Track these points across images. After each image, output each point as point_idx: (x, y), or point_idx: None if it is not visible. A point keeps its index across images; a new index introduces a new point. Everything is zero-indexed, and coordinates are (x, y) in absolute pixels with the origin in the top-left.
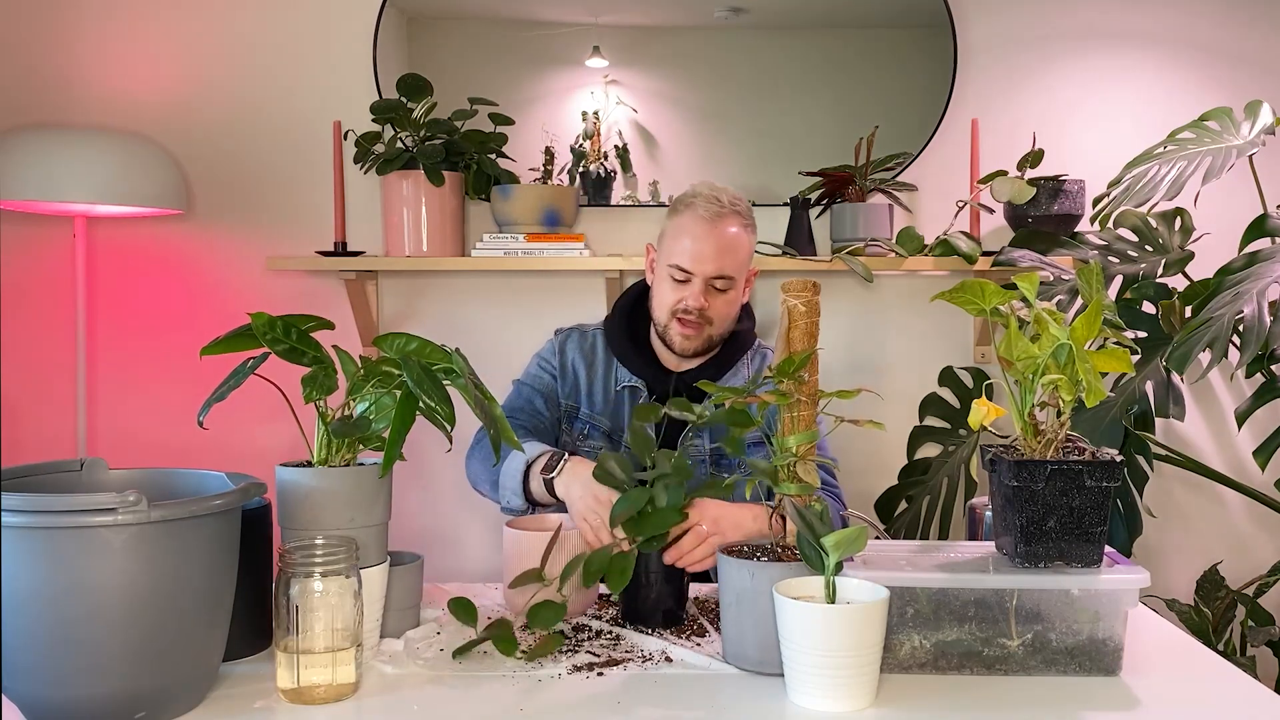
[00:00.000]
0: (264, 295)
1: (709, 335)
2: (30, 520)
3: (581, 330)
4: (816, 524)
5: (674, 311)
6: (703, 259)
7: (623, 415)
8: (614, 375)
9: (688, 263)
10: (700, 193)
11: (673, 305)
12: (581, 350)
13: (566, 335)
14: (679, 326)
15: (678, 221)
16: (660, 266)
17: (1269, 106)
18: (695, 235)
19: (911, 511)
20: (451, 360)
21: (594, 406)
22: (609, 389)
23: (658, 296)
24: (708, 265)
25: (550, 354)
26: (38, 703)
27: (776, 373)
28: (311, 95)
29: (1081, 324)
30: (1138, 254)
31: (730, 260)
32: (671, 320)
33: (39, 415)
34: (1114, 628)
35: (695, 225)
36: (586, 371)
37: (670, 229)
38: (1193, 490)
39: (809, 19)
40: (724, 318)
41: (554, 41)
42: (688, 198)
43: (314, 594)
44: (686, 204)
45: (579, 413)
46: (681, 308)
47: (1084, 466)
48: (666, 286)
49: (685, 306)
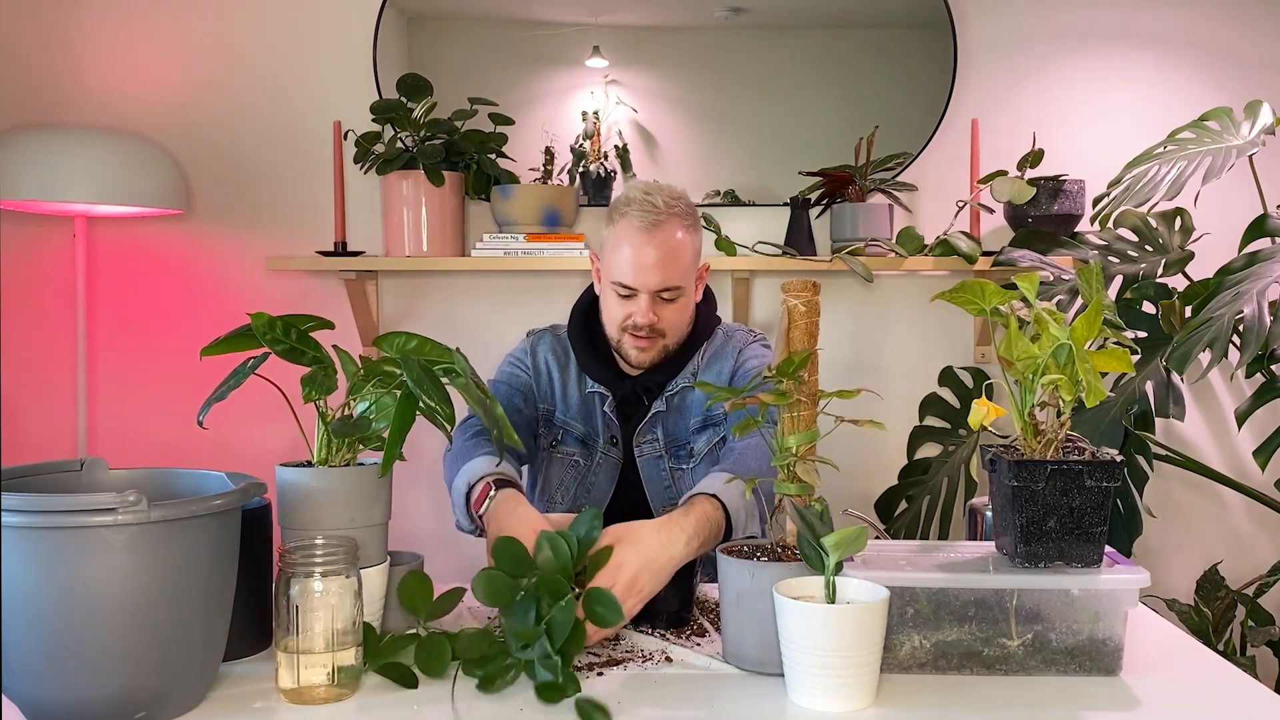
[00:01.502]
0: (264, 295)
1: (664, 346)
2: (30, 520)
3: (555, 332)
4: (816, 524)
5: (624, 327)
6: (645, 272)
7: (595, 419)
8: (584, 379)
9: (630, 278)
10: (634, 198)
11: (621, 321)
12: (554, 352)
13: (539, 337)
14: (632, 340)
15: (614, 232)
16: (604, 280)
17: (1269, 106)
18: (634, 246)
19: (911, 511)
20: (452, 359)
21: (568, 410)
22: (580, 392)
23: (606, 311)
24: (651, 278)
25: (523, 354)
26: (38, 703)
27: (776, 373)
28: (311, 95)
29: (1081, 324)
30: (1138, 254)
31: (674, 269)
32: (623, 335)
33: (39, 415)
34: (1114, 628)
35: (633, 236)
36: (560, 374)
37: (609, 240)
38: (1193, 490)
39: (809, 19)
40: (677, 325)
41: (554, 41)
42: (622, 205)
43: (314, 594)
44: (621, 212)
45: (554, 415)
46: (630, 324)
47: (1084, 466)
48: (613, 301)
49: (634, 323)
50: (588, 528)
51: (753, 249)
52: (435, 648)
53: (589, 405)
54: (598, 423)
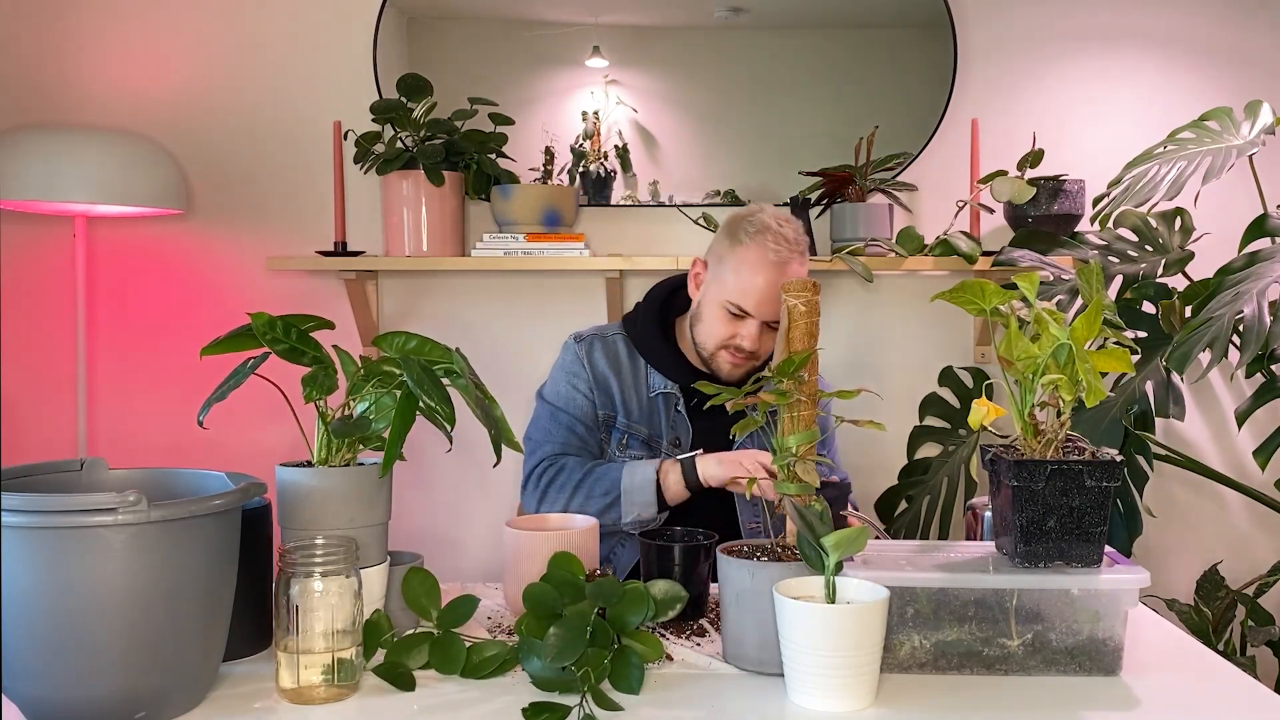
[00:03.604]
0: (264, 295)
1: (754, 367)
2: (30, 520)
3: (603, 336)
4: (816, 524)
5: (725, 345)
6: (766, 303)
7: (658, 422)
8: (646, 382)
9: (750, 305)
10: (769, 226)
11: (725, 339)
12: (608, 357)
13: (590, 344)
14: (728, 356)
15: (742, 255)
16: (712, 292)
17: (1269, 106)
18: (760, 275)
19: (911, 511)
20: (452, 359)
21: (630, 415)
22: (642, 396)
23: (707, 325)
24: (768, 309)
25: (577, 365)
26: (38, 703)
27: (776, 373)
28: (311, 95)
29: (1081, 324)
30: (1138, 254)
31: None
32: (720, 351)
33: (39, 415)
34: (1114, 628)
35: (765, 266)
36: (618, 380)
37: (732, 260)
38: (1193, 490)
39: (809, 19)
40: (770, 349)
41: (554, 41)
42: (752, 229)
43: (314, 594)
44: (753, 236)
45: (616, 421)
46: (735, 344)
47: (1084, 466)
48: (718, 317)
49: (739, 345)
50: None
51: None
52: (449, 648)
53: (653, 407)
54: (661, 424)
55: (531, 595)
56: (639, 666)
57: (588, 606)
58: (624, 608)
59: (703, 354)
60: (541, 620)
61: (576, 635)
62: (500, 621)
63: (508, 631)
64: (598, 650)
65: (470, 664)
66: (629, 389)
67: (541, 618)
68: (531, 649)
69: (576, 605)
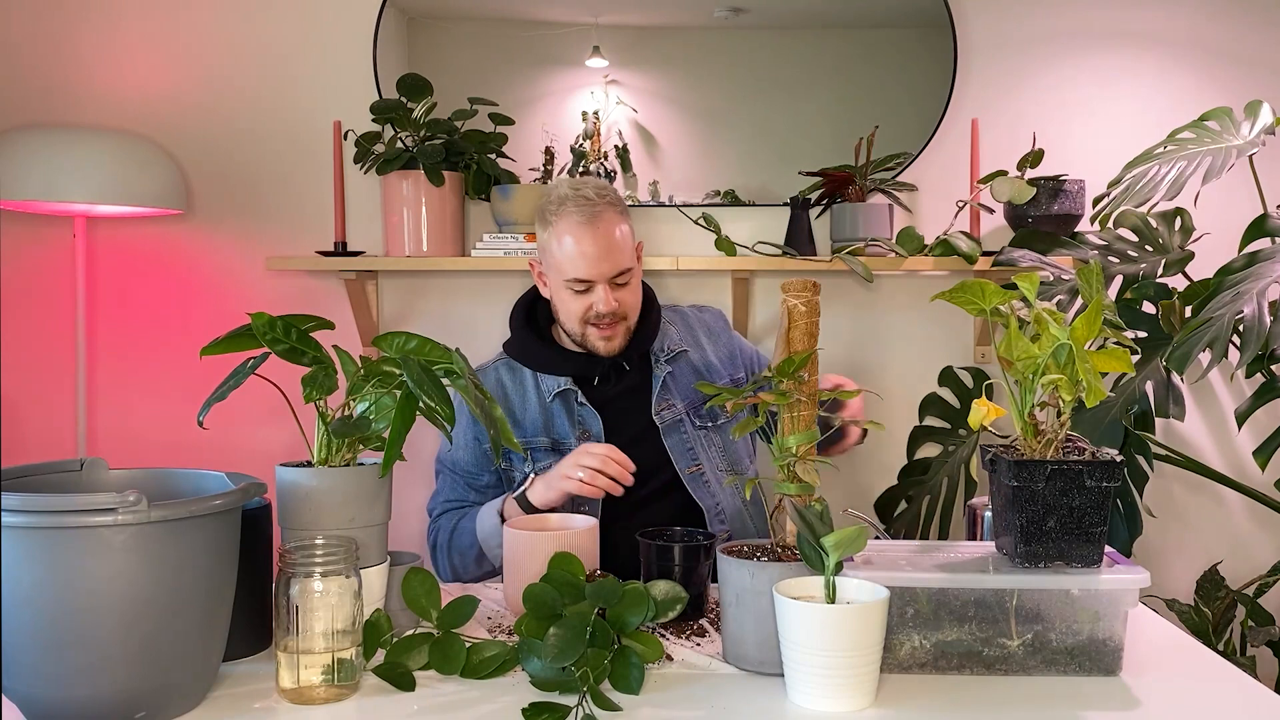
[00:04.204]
0: (264, 295)
1: (627, 328)
2: (30, 520)
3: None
4: (816, 524)
5: (586, 320)
6: (597, 262)
7: (561, 425)
8: (538, 390)
9: (583, 272)
10: (565, 195)
11: (582, 315)
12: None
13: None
14: (597, 331)
15: (555, 232)
16: (553, 280)
17: (1269, 106)
18: (580, 240)
19: (911, 511)
20: (451, 360)
21: (526, 432)
22: (535, 408)
23: (563, 309)
24: (604, 267)
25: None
26: (38, 703)
27: (776, 373)
28: (311, 95)
29: (1081, 324)
30: (1138, 254)
31: (621, 253)
32: (586, 328)
33: (39, 415)
34: (1114, 628)
35: (576, 231)
36: (503, 405)
37: (552, 242)
38: (1193, 490)
39: (809, 19)
40: (634, 305)
41: (554, 41)
42: (554, 205)
43: (314, 594)
44: (555, 213)
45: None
46: (593, 315)
47: (1084, 466)
48: (569, 298)
49: (597, 312)
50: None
51: (752, 249)
52: (449, 648)
53: (554, 411)
54: (565, 425)
55: (531, 595)
56: (639, 667)
57: (588, 607)
58: (624, 608)
59: (575, 340)
60: (541, 620)
61: (576, 635)
62: (500, 622)
63: (508, 632)
64: (598, 650)
65: (470, 664)
66: (519, 409)
67: (541, 618)
68: (531, 649)
69: (576, 605)
